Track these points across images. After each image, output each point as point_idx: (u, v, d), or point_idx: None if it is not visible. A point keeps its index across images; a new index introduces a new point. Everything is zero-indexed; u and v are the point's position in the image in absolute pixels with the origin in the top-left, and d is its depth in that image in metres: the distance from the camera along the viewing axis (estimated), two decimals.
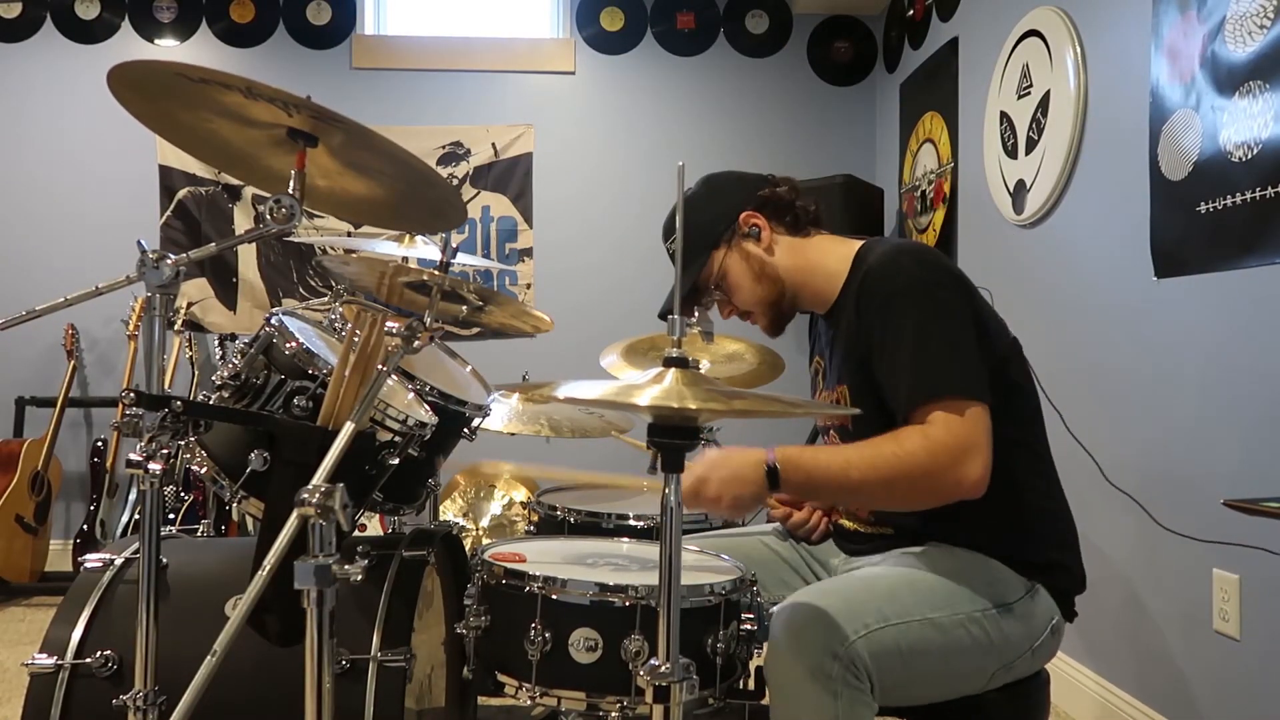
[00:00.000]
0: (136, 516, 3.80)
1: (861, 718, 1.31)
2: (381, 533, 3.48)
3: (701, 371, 1.19)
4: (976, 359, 1.44)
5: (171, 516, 3.64)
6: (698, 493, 1.44)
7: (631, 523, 2.05)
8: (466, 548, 2.01)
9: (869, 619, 1.35)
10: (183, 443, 1.43)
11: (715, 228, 1.63)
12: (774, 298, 1.63)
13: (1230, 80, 2.03)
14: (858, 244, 1.63)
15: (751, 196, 1.65)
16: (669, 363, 1.16)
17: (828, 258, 1.63)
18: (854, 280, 1.56)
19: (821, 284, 1.63)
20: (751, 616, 1.42)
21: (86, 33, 4.19)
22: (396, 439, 1.58)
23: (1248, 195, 1.97)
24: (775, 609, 1.40)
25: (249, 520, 3.47)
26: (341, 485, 1.16)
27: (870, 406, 1.49)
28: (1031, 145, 2.92)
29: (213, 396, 1.56)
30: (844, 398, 1.58)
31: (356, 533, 2.44)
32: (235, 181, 4.12)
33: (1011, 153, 3.04)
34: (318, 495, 1.15)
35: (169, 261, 1.30)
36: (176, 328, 4.00)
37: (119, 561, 1.68)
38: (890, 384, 1.47)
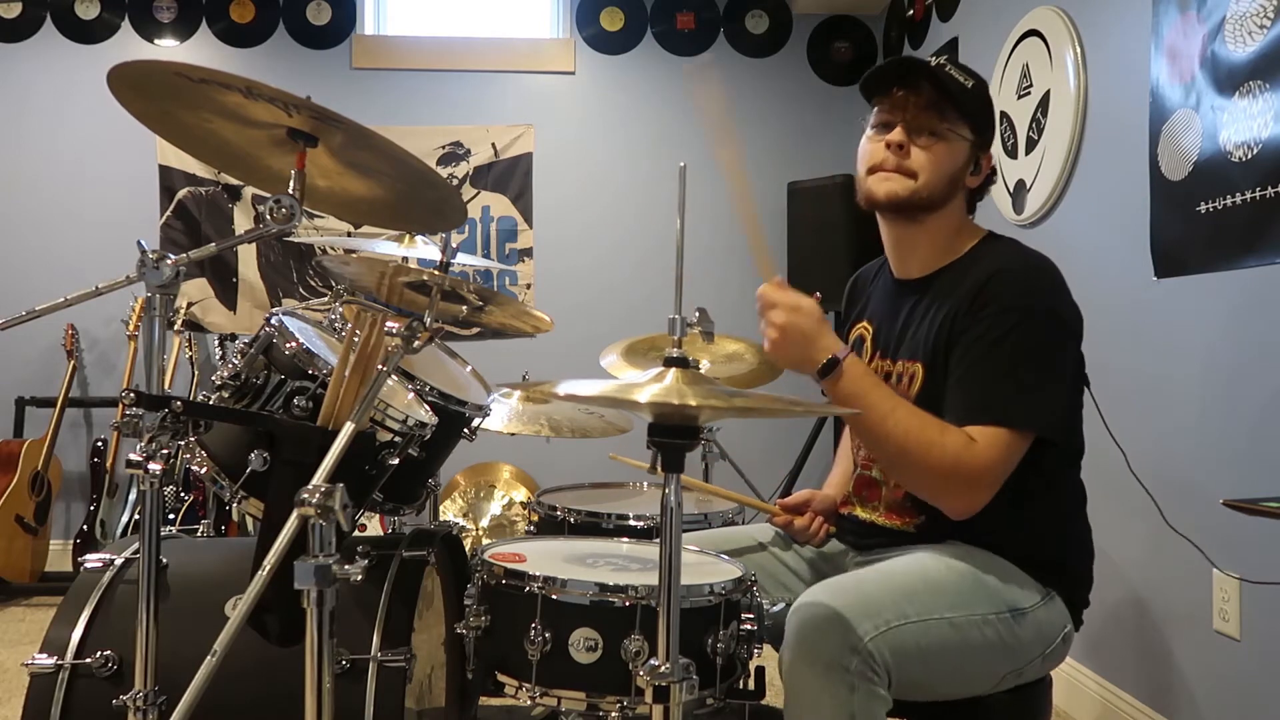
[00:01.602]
0: (136, 516, 3.80)
1: (876, 712, 1.31)
2: (381, 533, 3.48)
3: (701, 371, 1.19)
4: (1062, 395, 1.46)
5: (171, 516, 3.64)
6: (773, 312, 1.44)
7: (631, 523, 2.05)
8: (466, 548, 2.01)
9: (889, 615, 1.35)
10: (183, 443, 1.43)
11: (986, 130, 1.61)
12: (934, 197, 1.56)
13: (1230, 80, 2.03)
14: (982, 233, 1.62)
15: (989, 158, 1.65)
16: (669, 362, 1.16)
17: (960, 235, 1.61)
18: (971, 267, 1.54)
19: (938, 246, 1.60)
20: (751, 616, 1.42)
21: (86, 33, 4.19)
22: (396, 439, 1.58)
23: (1248, 195, 1.97)
24: (793, 603, 1.39)
25: (249, 520, 3.47)
26: (341, 485, 1.17)
27: (943, 389, 1.49)
28: (1031, 145, 2.92)
29: (213, 396, 1.56)
30: (911, 376, 1.54)
31: (356, 533, 2.44)
32: (235, 181, 4.12)
33: (1011, 153, 3.04)
34: (318, 495, 1.15)
35: (169, 261, 1.30)
36: (176, 328, 4.00)
37: (119, 561, 1.68)
38: (962, 382, 1.46)
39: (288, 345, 1.58)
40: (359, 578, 1.18)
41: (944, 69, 1.55)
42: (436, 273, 1.47)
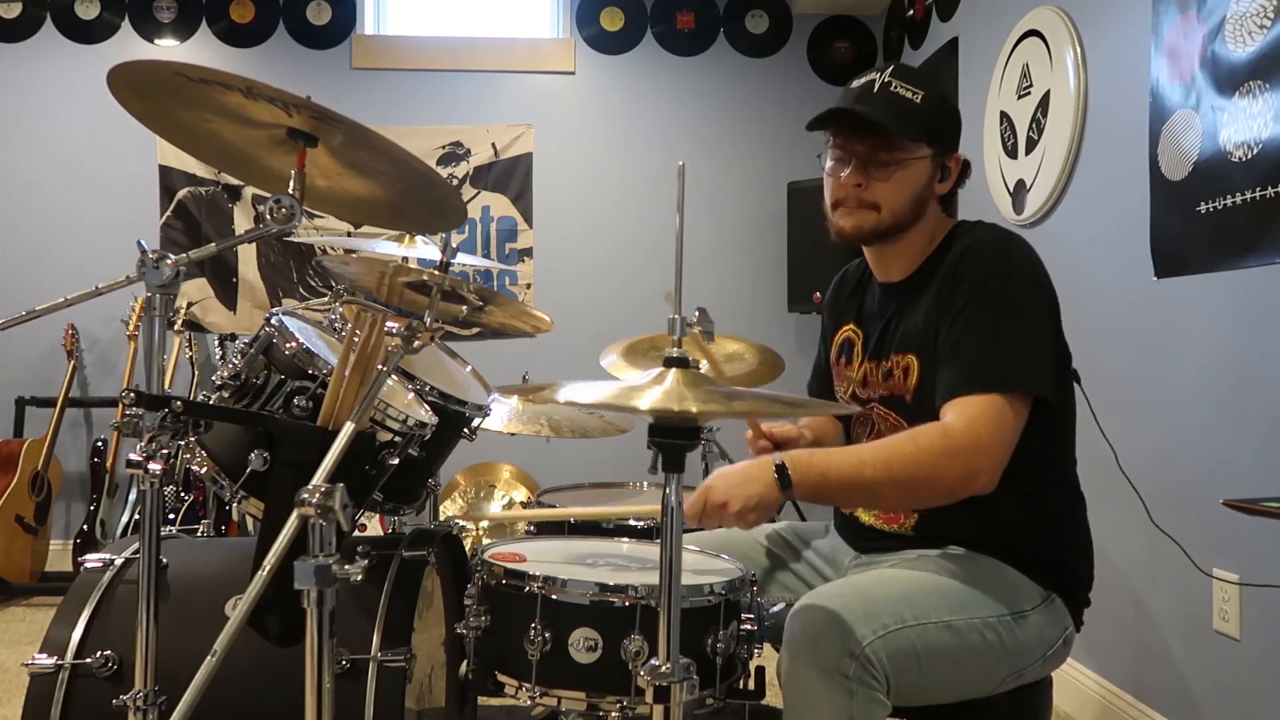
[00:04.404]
0: (136, 516, 3.80)
1: (875, 716, 1.31)
2: (381, 533, 3.48)
3: (701, 371, 1.18)
4: (1049, 355, 1.45)
5: (171, 516, 3.64)
6: (705, 500, 1.42)
7: (631, 523, 2.05)
8: (466, 548, 2.01)
9: (887, 620, 1.34)
10: (183, 443, 1.42)
11: (946, 137, 1.59)
12: (901, 222, 1.57)
13: (1230, 80, 2.03)
14: (953, 223, 1.62)
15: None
16: (669, 363, 1.16)
17: (935, 233, 1.61)
18: (945, 256, 1.54)
19: (917, 250, 1.60)
20: (751, 616, 1.41)
21: (86, 33, 4.19)
22: (396, 439, 1.58)
23: (1248, 195, 1.97)
24: (792, 608, 1.39)
25: (249, 520, 3.47)
26: (341, 485, 1.16)
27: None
28: (1031, 145, 2.92)
29: (213, 396, 1.56)
30: (906, 368, 1.55)
31: (356, 533, 2.44)
32: (235, 181, 4.12)
33: (1011, 153, 3.04)
34: (318, 495, 1.15)
35: (169, 261, 1.30)
36: (176, 328, 4.00)
37: (119, 561, 1.67)
38: (946, 360, 1.46)
39: (288, 345, 1.58)
40: (359, 578, 1.18)
41: (889, 90, 1.53)
42: (436, 273, 1.46)
